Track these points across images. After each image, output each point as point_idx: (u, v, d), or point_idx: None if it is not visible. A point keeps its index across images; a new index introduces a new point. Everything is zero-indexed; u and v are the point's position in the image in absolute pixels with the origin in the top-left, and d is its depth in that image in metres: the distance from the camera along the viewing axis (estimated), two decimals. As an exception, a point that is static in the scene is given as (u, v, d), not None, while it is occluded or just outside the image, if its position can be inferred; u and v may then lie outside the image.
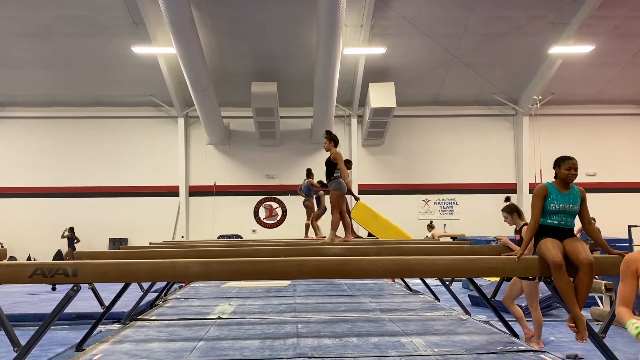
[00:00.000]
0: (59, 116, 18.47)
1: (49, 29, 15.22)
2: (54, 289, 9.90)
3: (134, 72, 16.80)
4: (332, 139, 7.24)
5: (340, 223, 7.32)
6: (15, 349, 3.81)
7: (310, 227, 10.85)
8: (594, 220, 12.07)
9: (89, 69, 16.74)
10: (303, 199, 11.00)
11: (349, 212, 9.17)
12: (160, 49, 15.44)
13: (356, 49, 15.88)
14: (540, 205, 4.22)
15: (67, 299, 4.02)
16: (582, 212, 4.30)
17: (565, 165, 4.22)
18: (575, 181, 4.29)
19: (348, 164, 8.84)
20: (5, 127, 18.50)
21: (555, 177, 4.36)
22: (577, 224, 4.45)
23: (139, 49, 15.28)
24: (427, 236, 15.04)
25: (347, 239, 7.34)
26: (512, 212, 5.87)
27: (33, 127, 18.53)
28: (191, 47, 13.86)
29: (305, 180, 10.88)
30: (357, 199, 11.36)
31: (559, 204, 4.17)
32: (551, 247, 4.03)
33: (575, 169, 4.21)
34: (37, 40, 15.58)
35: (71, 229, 16.64)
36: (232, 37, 15.78)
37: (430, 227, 15.78)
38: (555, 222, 4.18)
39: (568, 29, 15.67)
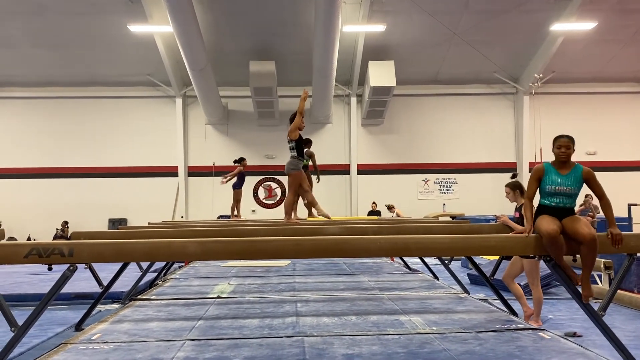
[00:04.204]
0: (56, 96, 18.31)
1: (43, 7, 14.97)
2: (50, 269, 9.94)
3: (131, 51, 16.61)
4: None
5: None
6: (13, 329, 3.80)
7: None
8: (591, 197, 11.99)
9: (84, 48, 16.54)
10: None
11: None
12: (157, 27, 15.24)
13: (355, 26, 15.66)
14: (534, 185, 4.19)
15: (64, 279, 4.00)
16: (594, 190, 4.19)
17: (556, 144, 4.17)
18: (575, 160, 4.21)
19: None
20: (2, 107, 18.38)
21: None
22: (578, 203, 4.39)
23: (136, 28, 15.08)
24: (392, 217, 13.94)
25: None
26: (515, 188, 5.84)
27: (30, 107, 18.39)
28: (188, 25, 13.67)
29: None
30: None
31: (555, 185, 4.10)
32: (546, 221, 4.01)
33: (567, 147, 4.11)
34: (32, 18, 15.36)
35: (64, 223, 16.51)
36: (230, 15, 15.55)
37: (390, 208, 14.42)
38: (554, 203, 4.12)
39: (570, 5, 15.43)
